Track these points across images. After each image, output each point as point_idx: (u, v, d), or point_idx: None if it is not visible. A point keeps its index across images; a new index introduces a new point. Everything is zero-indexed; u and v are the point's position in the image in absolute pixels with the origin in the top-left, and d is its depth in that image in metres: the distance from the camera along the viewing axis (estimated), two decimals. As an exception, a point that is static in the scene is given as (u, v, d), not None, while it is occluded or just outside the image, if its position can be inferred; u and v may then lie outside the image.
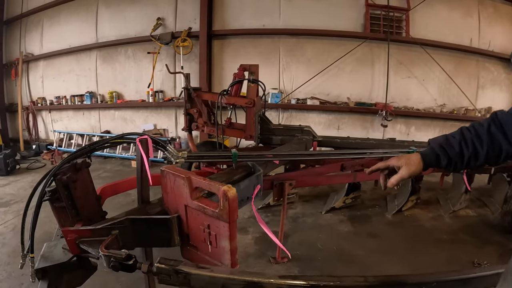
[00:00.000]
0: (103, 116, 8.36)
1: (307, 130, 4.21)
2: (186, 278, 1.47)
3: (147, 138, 2.24)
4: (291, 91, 6.65)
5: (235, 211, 1.65)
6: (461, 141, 1.38)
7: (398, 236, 3.78)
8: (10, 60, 9.30)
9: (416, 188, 4.23)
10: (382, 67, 6.10)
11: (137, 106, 7.82)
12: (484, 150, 1.33)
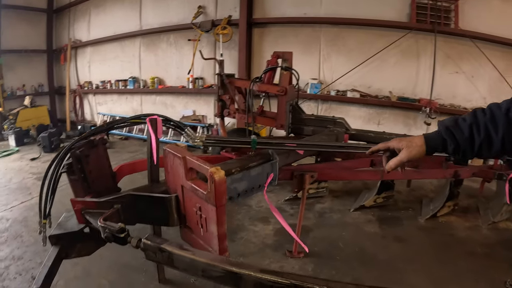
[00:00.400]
0: (144, 101, 8.65)
1: (340, 122, 3.94)
2: (169, 258, 1.46)
3: (156, 118, 2.22)
4: (331, 82, 6.39)
5: (222, 194, 1.58)
6: (472, 125, 1.18)
7: (427, 243, 3.48)
8: (59, 46, 9.94)
9: (454, 193, 3.87)
10: (428, 61, 5.66)
11: (177, 92, 7.96)
12: (498, 137, 1.12)
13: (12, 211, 4.52)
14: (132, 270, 3.07)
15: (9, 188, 5.43)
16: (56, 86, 10.34)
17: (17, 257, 3.41)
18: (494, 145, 1.16)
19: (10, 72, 9.26)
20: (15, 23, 9.21)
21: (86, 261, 3.12)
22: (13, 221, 4.21)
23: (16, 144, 8.10)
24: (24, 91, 9.53)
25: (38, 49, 9.86)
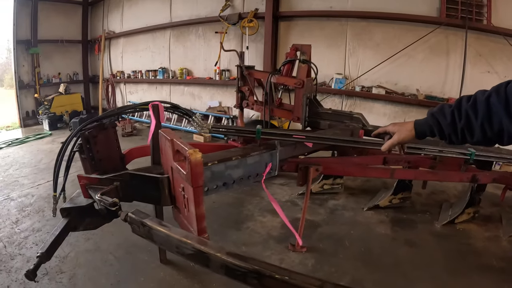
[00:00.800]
0: (173, 91, 8.83)
1: (356, 117, 3.83)
2: (149, 232, 1.56)
3: (158, 104, 2.29)
4: (356, 77, 6.26)
5: (198, 176, 1.63)
6: (454, 111, 1.20)
7: (440, 250, 3.26)
8: (94, 37, 10.35)
9: (475, 199, 3.62)
10: (458, 58, 5.37)
11: (204, 83, 8.08)
12: (478, 123, 1.12)
13: (38, 188, 4.80)
14: (138, 249, 3.19)
15: (38, 168, 5.74)
16: (90, 75, 10.78)
17: (36, 229, 3.65)
18: (474, 131, 1.16)
19: (47, 61, 9.73)
20: (52, 15, 9.65)
21: (98, 236, 3.34)
22: (38, 197, 4.48)
23: (50, 128, 8.54)
24: (59, 79, 9.99)
25: (73, 40, 10.31)
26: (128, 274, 2.86)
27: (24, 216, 3.97)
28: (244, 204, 4.17)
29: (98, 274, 2.87)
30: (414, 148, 2.99)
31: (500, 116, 1.08)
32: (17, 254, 3.19)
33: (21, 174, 5.47)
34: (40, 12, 9.33)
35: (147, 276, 2.82)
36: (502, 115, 1.07)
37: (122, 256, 3.11)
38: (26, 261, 3.06)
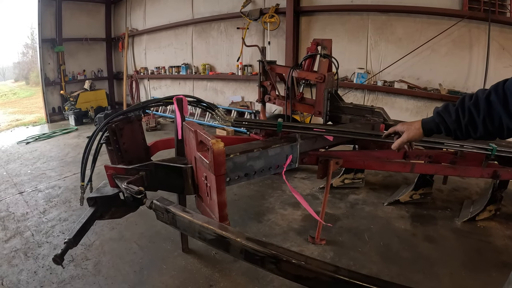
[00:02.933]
0: (196, 86, 8.94)
1: (378, 112, 3.78)
2: (173, 218, 1.64)
3: (182, 98, 2.35)
4: (378, 71, 6.18)
5: (221, 164, 1.68)
6: (458, 109, 1.30)
7: (459, 247, 3.19)
8: (117, 35, 10.60)
9: (497, 196, 3.52)
10: (481, 52, 5.21)
11: (227, 78, 8.13)
12: (480, 119, 1.21)
13: (65, 181, 4.98)
14: (161, 238, 3.29)
15: (65, 161, 5.95)
16: (114, 72, 11.06)
17: (63, 219, 3.81)
18: (478, 127, 1.25)
19: (72, 58, 10.05)
20: (76, 13, 9.95)
21: (122, 226, 3.45)
22: (65, 189, 4.66)
23: (75, 124, 8.81)
24: (84, 75, 10.31)
25: (97, 38, 10.60)
26: (151, 262, 2.95)
27: (51, 207, 4.14)
28: (265, 197, 4.21)
29: (122, 261, 2.97)
30: (435, 142, 2.96)
31: (499, 112, 1.15)
32: (44, 242, 3.34)
33: (48, 167, 5.68)
34: (64, 11, 9.64)
35: (169, 265, 2.90)
36: (501, 112, 1.15)
37: (145, 245, 3.21)
38: (53, 249, 3.20)
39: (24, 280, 2.79)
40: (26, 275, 2.85)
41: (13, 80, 30.12)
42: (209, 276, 2.77)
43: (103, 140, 2.52)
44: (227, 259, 2.95)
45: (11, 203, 4.33)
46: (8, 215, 4.00)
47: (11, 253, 3.19)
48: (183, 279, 2.72)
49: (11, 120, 11.07)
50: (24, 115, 12.07)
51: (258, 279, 2.72)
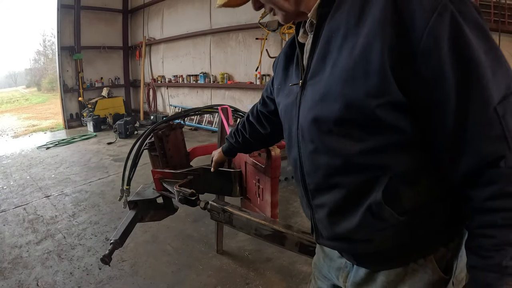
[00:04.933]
0: (214, 95, 9.05)
1: None
2: (230, 217, 1.74)
3: (227, 107, 2.47)
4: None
5: (277, 168, 1.80)
6: (235, 132, 1.61)
7: None
8: (134, 43, 10.88)
9: None
10: None
11: (245, 87, 8.21)
12: (249, 132, 1.55)
13: (90, 185, 5.09)
14: (194, 241, 3.39)
15: (88, 166, 6.08)
16: (131, 79, 11.29)
17: (94, 222, 3.89)
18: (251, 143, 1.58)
19: (89, 66, 10.31)
20: (94, 22, 10.25)
21: (154, 229, 3.54)
22: (91, 193, 4.76)
23: (94, 130, 8.98)
24: (102, 83, 10.55)
25: (115, 46, 10.88)
26: (187, 263, 3.03)
27: (80, 210, 4.23)
28: (290, 202, 4.28)
29: (158, 262, 3.06)
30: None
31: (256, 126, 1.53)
32: (77, 244, 3.42)
33: (72, 172, 5.80)
34: (82, 19, 9.93)
35: (205, 265, 2.99)
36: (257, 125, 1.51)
37: (179, 247, 3.29)
38: (87, 251, 3.28)
39: (60, 281, 2.85)
40: (62, 276, 2.91)
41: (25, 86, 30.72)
42: (245, 275, 2.85)
43: (145, 146, 2.62)
44: (260, 259, 3.05)
45: (38, 206, 4.42)
46: (36, 218, 4.08)
47: (43, 254, 3.25)
48: (220, 278, 2.81)
49: (28, 126, 11.31)
50: (40, 121, 12.31)
51: (291, 276, 2.82)
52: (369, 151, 0.81)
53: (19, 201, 4.60)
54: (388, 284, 0.94)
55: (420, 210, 0.84)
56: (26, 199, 4.68)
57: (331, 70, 0.82)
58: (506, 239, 0.73)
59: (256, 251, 3.21)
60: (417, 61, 0.71)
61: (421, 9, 0.69)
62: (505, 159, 0.70)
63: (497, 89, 0.70)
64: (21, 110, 17.17)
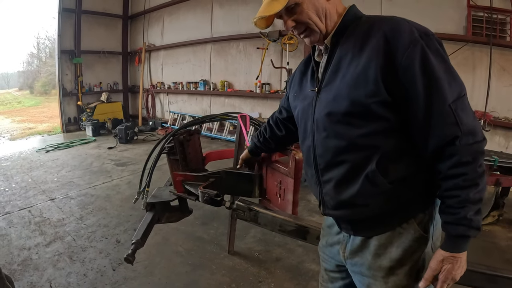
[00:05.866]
0: (214, 102, 9.19)
1: None
2: (255, 216, 1.94)
3: (246, 115, 2.63)
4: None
5: (299, 170, 1.97)
6: (258, 134, 1.92)
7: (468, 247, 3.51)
8: (134, 49, 10.96)
9: (499, 203, 3.94)
10: (484, 73, 5.60)
11: (245, 95, 8.37)
12: (269, 135, 1.87)
13: (95, 189, 5.17)
14: (204, 242, 3.52)
15: (91, 170, 6.15)
16: (130, 85, 11.37)
17: (103, 225, 3.97)
18: (271, 142, 1.90)
19: (89, 70, 10.37)
20: (94, 27, 10.33)
21: (165, 232, 3.65)
22: (97, 197, 4.84)
23: (93, 134, 9.04)
24: (100, 88, 10.60)
25: (114, 51, 10.96)
26: (200, 263, 3.16)
27: (87, 213, 4.29)
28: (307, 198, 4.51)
29: (172, 263, 3.18)
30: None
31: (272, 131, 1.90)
32: (88, 246, 3.49)
33: (74, 175, 5.86)
34: (82, 24, 10.00)
35: (218, 265, 3.12)
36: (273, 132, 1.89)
37: (191, 248, 3.42)
38: (98, 253, 3.36)
39: (74, 282, 2.90)
40: (75, 277, 2.96)
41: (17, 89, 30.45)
42: (257, 273, 3.00)
43: (165, 150, 2.73)
44: (270, 259, 3.22)
45: (43, 209, 4.46)
46: (43, 220, 4.12)
47: (54, 256, 3.29)
48: (234, 277, 2.95)
49: (24, 129, 11.28)
50: (35, 124, 12.27)
51: (300, 275, 2.99)
52: (366, 134, 1.16)
53: (23, 204, 4.63)
54: (380, 246, 1.24)
55: (403, 181, 1.17)
56: (30, 201, 4.72)
57: (341, 80, 1.19)
58: (468, 197, 1.06)
59: (265, 251, 3.37)
60: (399, 74, 1.08)
61: (403, 42, 1.08)
62: (459, 138, 1.05)
63: (451, 93, 1.07)
64: (14, 113, 17.03)
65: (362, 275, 1.30)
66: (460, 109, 1.07)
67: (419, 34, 1.09)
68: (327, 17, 1.24)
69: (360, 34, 1.17)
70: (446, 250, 1.13)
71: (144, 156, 6.99)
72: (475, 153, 1.07)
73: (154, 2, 10.10)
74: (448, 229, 1.12)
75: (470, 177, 1.06)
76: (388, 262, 1.23)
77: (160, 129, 9.10)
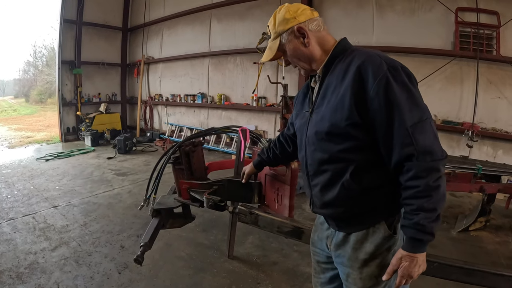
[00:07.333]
0: (211, 115, 9.43)
1: None
2: (256, 218, 2.19)
3: (246, 129, 2.87)
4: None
5: (295, 178, 2.25)
6: (267, 149, 2.09)
7: (456, 251, 3.77)
8: (133, 61, 11.21)
9: (486, 209, 4.17)
10: (471, 86, 5.91)
11: (241, 108, 8.64)
12: (279, 151, 2.04)
13: (97, 197, 5.33)
14: (205, 247, 3.74)
15: (92, 179, 6.32)
16: (128, 96, 11.62)
17: (106, 231, 4.13)
18: (278, 156, 2.07)
19: (88, 81, 10.61)
20: (95, 38, 10.61)
21: (167, 238, 3.85)
22: (99, 205, 5.00)
23: (92, 144, 9.21)
24: (99, 98, 10.82)
25: (113, 63, 11.23)
26: (201, 267, 3.37)
27: (91, 220, 4.44)
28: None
29: (175, 267, 3.37)
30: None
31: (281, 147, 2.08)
32: (93, 251, 3.64)
33: (76, 184, 6.01)
34: (83, 35, 10.24)
35: (219, 268, 3.33)
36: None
37: (193, 253, 3.63)
38: (104, 257, 3.51)
39: (81, 284, 3.04)
40: (82, 280, 3.10)
41: (13, 96, 30.39)
42: (255, 276, 3.23)
43: (171, 160, 2.93)
44: (267, 263, 3.44)
45: (47, 215, 4.58)
46: (47, 226, 4.25)
47: (60, 260, 3.42)
48: (234, 279, 3.16)
49: (22, 137, 11.35)
50: (33, 133, 12.33)
51: (297, 276, 3.23)
52: (343, 150, 1.41)
53: (27, 210, 4.74)
54: (357, 241, 1.48)
55: (374, 189, 1.41)
56: (34, 208, 4.83)
57: (326, 105, 1.44)
58: (421, 206, 1.26)
59: (263, 256, 3.59)
60: (368, 102, 1.31)
61: (372, 75, 1.30)
62: (415, 156, 1.26)
63: (410, 118, 1.28)
64: (10, 121, 17.07)
65: (343, 265, 1.54)
66: (418, 132, 1.27)
67: (387, 68, 1.30)
68: (309, 59, 1.53)
69: (344, 66, 1.41)
70: (404, 249, 1.33)
71: (143, 166, 7.22)
72: (429, 169, 1.26)
73: (153, 15, 10.43)
74: (404, 231, 1.33)
75: (422, 189, 1.25)
76: (363, 255, 1.46)
77: (158, 140, 9.31)
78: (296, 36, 1.51)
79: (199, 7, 9.04)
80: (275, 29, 1.56)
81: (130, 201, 5.14)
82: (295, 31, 1.51)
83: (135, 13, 11.17)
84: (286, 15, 1.52)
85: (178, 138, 9.61)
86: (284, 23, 1.53)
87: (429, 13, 6.13)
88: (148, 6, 10.57)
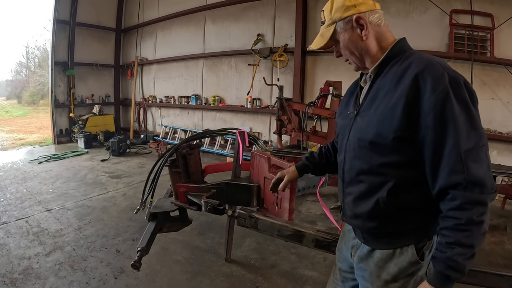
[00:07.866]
0: (205, 116, 9.38)
1: None
2: (256, 222, 2.12)
3: (244, 131, 2.85)
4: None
5: (295, 181, 2.16)
6: (320, 154, 1.87)
7: None
8: (126, 62, 11.14)
9: None
10: None
11: (236, 110, 8.60)
12: (333, 159, 1.78)
13: (91, 200, 5.28)
14: (202, 251, 3.70)
15: (85, 182, 6.25)
16: (121, 98, 11.53)
17: (101, 235, 4.07)
18: (332, 164, 1.81)
19: (81, 82, 10.50)
20: (88, 39, 10.49)
21: (163, 242, 3.81)
22: (94, 209, 4.94)
23: (85, 147, 9.13)
24: (92, 100, 10.72)
25: (107, 64, 11.12)
26: (199, 271, 3.34)
27: (85, 224, 4.37)
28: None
29: (172, 271, 3.33)
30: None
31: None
32: (89, 256, 3.58)
33: (69, 187, 5.94)
34: (76, 36, 10.14)
35: (217, 272, 3.31)
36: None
37: (190, 257, 3.59)
38: (99, 262, 3.46)
39: None
40: (77, 285, 3.05)
41: (5, 98, 29.96)
42: (253, 279, 3.21)
43: (167, 163, 2.90)
44: (266, 266, 3.43)
45: (40, 219, 4.51)
46: (41, 230, 4.18)
47: (55, 266, 3.36)
48: (232, 282, 3.14)
49: (14, 139, 11.23)
50: (25, 135, 12.21)
51: (295, 279, 3.22)
52: (384, 164, 1.30)
53: (20, 214, 4.68)
54: (381, 260, 1.39)
55: (409, 211, 1.31)
56: (27, 212, 4.76)
57: (374, 110, 1.32)
58: (458, 240, 1.15)
59: (260, 259, 3.57)
60: (421, 116, 1.19)
61: (431, 87, 1.17)
62: (464, 186, 1.13)
63: (466, 143, 1.14)
64: (2, 123, 16.85)
65: (364, 280, 1.46)
66: (471, 160, 1.14)
67: (449, 81, 1.16)
68: (363, 54, 1.39)
69: (400, 70, 1.27)
70: (430, 282, 1.22)
71: (138, 169, 7.15)
72: (476, 202, 1.13)
73: (147, 16, 10.36)
74: (434, 263, 1.22)
75: (464, 222, 1.13)
76: (385, 275, 1.38)
77: (151, 142, 9.23)
78: (353, 26, 1.36)
79: (194, 8, 9.01)
80: (330, 15, 1.39)
81: (125, 204, 5.09)
82: (353, 20, 1.35)
83: (129, 14, 11.10)
84: (346, 1, 1.35)
85: (172, 140, 9.56)
86: (342, 10, 1.36)
87: (424, 15, 6.16)
88: (142, 7, 10.50)
